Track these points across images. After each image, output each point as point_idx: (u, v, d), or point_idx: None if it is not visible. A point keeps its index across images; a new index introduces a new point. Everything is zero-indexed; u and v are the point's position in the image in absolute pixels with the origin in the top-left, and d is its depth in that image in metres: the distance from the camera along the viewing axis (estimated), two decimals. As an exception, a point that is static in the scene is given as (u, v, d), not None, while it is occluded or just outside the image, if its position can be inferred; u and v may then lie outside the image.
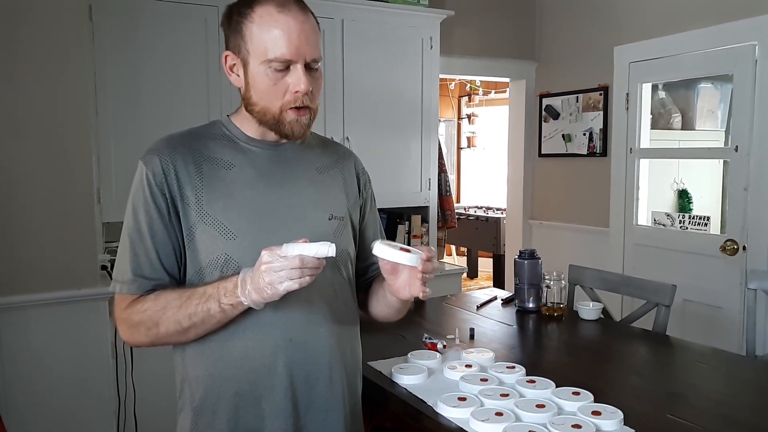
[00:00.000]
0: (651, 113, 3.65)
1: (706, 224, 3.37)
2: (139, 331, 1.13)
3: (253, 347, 1.15)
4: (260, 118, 1.17)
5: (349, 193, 1.32)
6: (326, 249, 1.02)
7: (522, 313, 2.34)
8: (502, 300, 2.51)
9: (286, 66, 1.11)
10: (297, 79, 1.11)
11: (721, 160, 3.98)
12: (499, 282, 5.70)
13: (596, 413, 1.34)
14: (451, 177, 6.19)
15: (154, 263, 1.13)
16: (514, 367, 1.61)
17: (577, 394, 1.44)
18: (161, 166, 1.13)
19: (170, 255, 1.14)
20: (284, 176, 1.22)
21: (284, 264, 1.00)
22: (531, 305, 2.35)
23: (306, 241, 1.03)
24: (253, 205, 1.17)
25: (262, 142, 1.21)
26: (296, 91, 1.12)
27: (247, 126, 1.21)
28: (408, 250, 1.12)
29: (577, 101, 3.85)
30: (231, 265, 1.13)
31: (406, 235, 3.58)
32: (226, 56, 1.16)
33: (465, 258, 7.03)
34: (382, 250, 1.12)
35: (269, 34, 1.10)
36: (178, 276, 1.17)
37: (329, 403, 1.22)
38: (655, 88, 3.83)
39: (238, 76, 1.16)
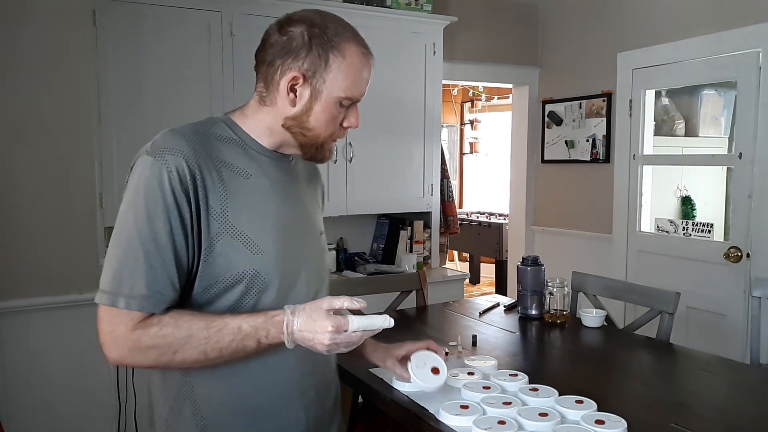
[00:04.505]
0: (654, 120, 3.64)
1: (709, 231, 3.35)
2: (147, 355, 1.02)
3: (274, 362, 1.13)
4: (303, 141, 1.14)
5: (320, 207, 1.35)
6: (388, 323, 1.07)
7: (525, 320, 2.33)
8: (504, 307, 2.50)
9: (351, 103, 1.15)
10: (355, 117, 1.17)
11: (725, 167, 3.97)
12: (501, 288, 5.68)
13: (600, 422, 1.33)
14: (454, 182, 6.18)
15: (173, 278, 1.04)
16: (516, 375, 1.60)
17: (581, 402, 1.43)
18: (188, 169, 1.03)
19: (184, 269, 1.06)
20: (291, 189, 1.20)
21: (347, 339, 1.04)
22: (534, 312, 2.34)
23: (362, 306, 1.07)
24: (274, 218, 1.13)
25: (269, 151, 1.17)
26: (348, 127, 1.17)
27: (257, 133, 1.15)
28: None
29: (580, 107, 3.85)
30: (258, 280, 1.08)
31: (408, 241, 3.57)
32: (295, 77, 1.09)
33: (467, 264, 7.02)
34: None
35: (355, 75, 1.12)
36: (180, 291, 1.08)
37: (331, 410, 1.26)
38: (658, 94, 3.82)
39: (297, 97, 1.11)
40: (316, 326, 1.02)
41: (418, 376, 1.37)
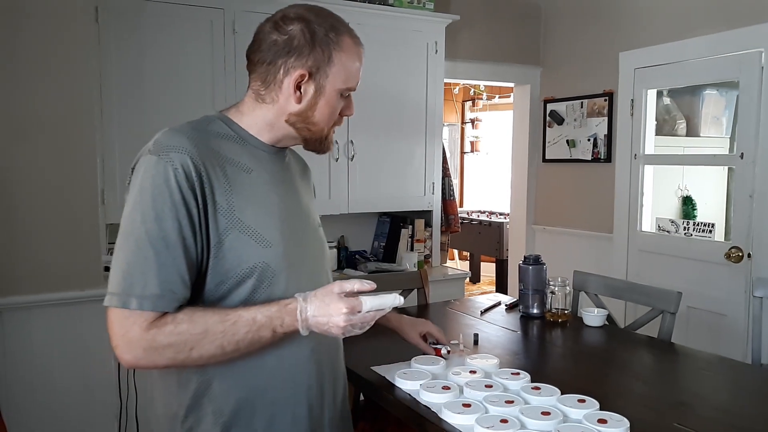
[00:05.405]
0: (656, 119, 3.64)
1: (710, 231, 3.36)
2: (163, 354, 1.02)
3: (289, 354, 1.15)
4: (308, 135, 1.19)
5: (314, 201, 1.39)
6: (399, 301, 1.11)
7: (526, 319, 2.33)
8: (506, 305, 2.50)
9: (348, 93, 1.20)
10: (352, 105, 1.22)
11: (726, 167, 3.97)
12: (501, 287, 5.69)
13: (602, 421, 1.33)
14: (455, 181, 6.19)
15: (184, 276, 1.03)
16: (518, 374, 1.60)
17: (583, 401, 1.43)
18: (193, 166, 1.04)
19: (194, 266, 1.06)
20: (289, 183, 1.24)
21: (362, 319, 1.08)
22: (535, 311, 2.34)
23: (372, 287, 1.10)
24: (278, 211, 1.16)
25: (266, 146, 1.19)
26: (346, 115, 1.22)
27: (255, 129, 1.17)
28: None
29: (582, 107, 3.85)
30: (268, 273, 1.10)
31: (409, 239, 3.57)
32: (302, 75, 1.12)
33: (468, 262, 7.02)
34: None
35: (352, 66, 1.17)
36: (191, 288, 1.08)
37: (342, 396, 1.30)
38: (660, 94, 3.82)
39: (302, 94, 1.14)
40: (331, 309, 1.05)
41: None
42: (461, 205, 7.50)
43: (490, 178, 7.53)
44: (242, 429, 1.13)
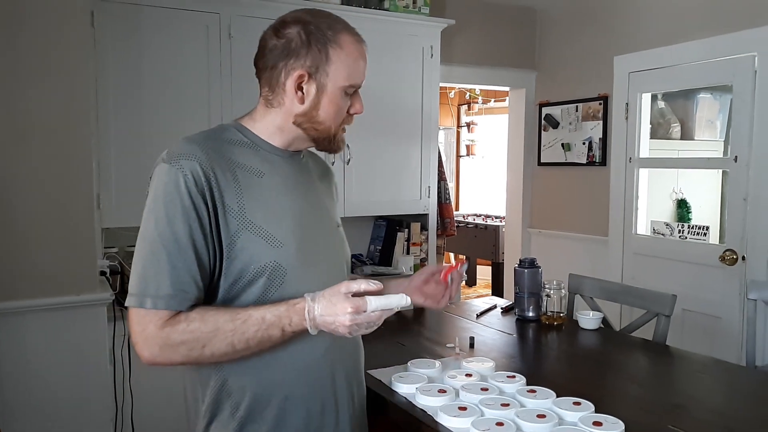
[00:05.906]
0: (650, 123, 3.66)
1: (705, 234, 3.37)
2: (177, 351, 1.08)
3: (303, 352, 1.18)
4: (315, 135, 1.21)
5: (336, 202, 1.43)
6: (405, 302, 1.12)
7: (522, 322, 2.34)
8: (501, 308, 2.51)
9: (354, 90, 1.22)
10: (359, 103, 1.24)
11: (720, 170, 3.99)
12: (497, 290, 5.69)
13: (597, 424, 1.33)
14: (450, 185, 6.20)
15: (196, 277, 1.09)
16: (514, 377, 1.61)
17: (578, 404, 1.43)
18: (202, 172, 1.09)
19: (206, 267, 1.11)
20: (304, 184, 1.26)
21: (367, 319, 1.09)
22: (531, 314, 2.35)
23: (380, 288, 1.11)
24: (290, 213, 1.19)
25: (280, 150, 1.23)
26: (354, 113, 1.24)
27: (267, 134, 1.22)
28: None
29: (577, 110, 3.86)
30: (279, 272, 1.14)
31: (405, 243, 3.58)
32: (301, 75, 1.15)
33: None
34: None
35: (353, 63, 1.18)
36: (204, 289, 1.13)
37: (360, 396, 1.32)
38: (654, 97, 3.84)
39: (304, 94, 1.17)
40: (336, 309, 1.08)
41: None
42: (457, 209, 7.51)
43: (486, 182, 7.55)
44: (258, 423, 1.17)
